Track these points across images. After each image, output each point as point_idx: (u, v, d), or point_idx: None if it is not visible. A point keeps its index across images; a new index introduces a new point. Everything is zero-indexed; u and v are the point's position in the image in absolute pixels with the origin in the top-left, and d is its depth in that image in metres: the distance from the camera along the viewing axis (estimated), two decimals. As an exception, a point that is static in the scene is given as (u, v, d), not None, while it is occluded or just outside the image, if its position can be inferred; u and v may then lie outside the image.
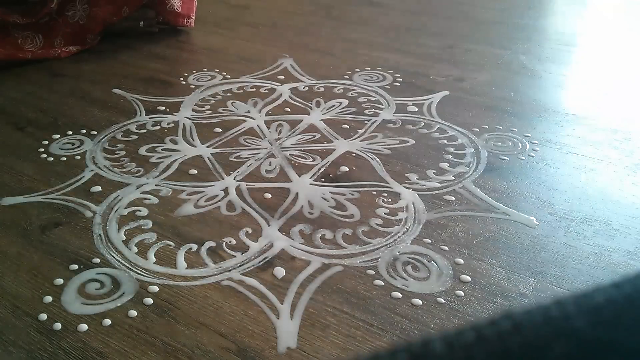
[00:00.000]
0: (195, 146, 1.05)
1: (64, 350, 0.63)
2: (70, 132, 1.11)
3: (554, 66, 1.42)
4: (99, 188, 0.92)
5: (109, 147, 1.05)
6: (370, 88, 1.29)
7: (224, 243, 0.79)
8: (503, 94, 1.26)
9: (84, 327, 0.65)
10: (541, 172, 0.96)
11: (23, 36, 1.43)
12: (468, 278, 0.72)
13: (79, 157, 1.02)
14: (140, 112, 1.19)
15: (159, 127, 1.13)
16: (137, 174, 0.96)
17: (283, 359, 0.62)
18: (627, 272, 0.75)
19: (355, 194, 0.90)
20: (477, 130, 1.09)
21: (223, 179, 0.95)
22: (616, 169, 0.96)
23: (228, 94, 1.28)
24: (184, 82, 1.34)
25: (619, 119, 1.14)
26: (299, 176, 0.95)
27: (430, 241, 0.79)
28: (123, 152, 1.03)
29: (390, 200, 0.88)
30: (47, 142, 1.07)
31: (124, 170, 0.98)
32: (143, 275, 0.74)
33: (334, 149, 1.03)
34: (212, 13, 1.88)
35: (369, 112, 1.18)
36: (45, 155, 1.02)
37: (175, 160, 1.01)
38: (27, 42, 1.44)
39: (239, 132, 1.11)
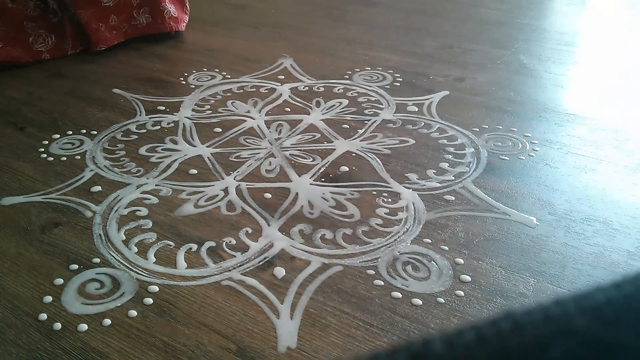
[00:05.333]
0: (195, 146, 1.05)
1: (64, 350, 0.63)
2: (70, 132, 1.11)
3: (554, 66, 1.42)
4: (99, 188, 0.92)
5: (109, 147, 1.05)
6: (370, 88, 1.29)
7: (224, 243, 0.79)
8: (503, 94, 1.26)
9: (84, 327, 0.66)
10: (541, 172, 0.96)
11: (36, 34, 1.43)
12: (468, 278, 0.72)
13: (79, 157, 1.02)
14: (140, 112, 1.19)
15: (159, 127, 1.13)
16: (137, 174, 0.96)
17: (283, 358, 0.62)
18: (627, 272, 0.75)
19: (355, 194, 0.90)
20: (477, 130, 1.09)
21: (223, 178, 0.95)
22: (616, 169, 0.96)
23: (228, 94, 1.28)
24: (184, 82, 1.34)
25: (619, 119, 1.14)
26: (299, 176, 0.95)
27: (430, 241, 0.79)
28: (123, 152, 1.03)
29: (390, 200, 0.88)
30: (47, 142, 1.07)
31: (124, 170, 0.98)
32: (143, 275, 0.74)
33: (334, 149, 1.03)
34: (212, 13, 1.88)
35: (369, 112, 1.18)
36: (45, 155, 1.02)
37: (175, 160, 1.01)
38: (39, 41, 1.44)
39: (239, 132, 1.11)
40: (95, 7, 1.48)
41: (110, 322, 0.66)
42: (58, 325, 0.66)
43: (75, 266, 0.75)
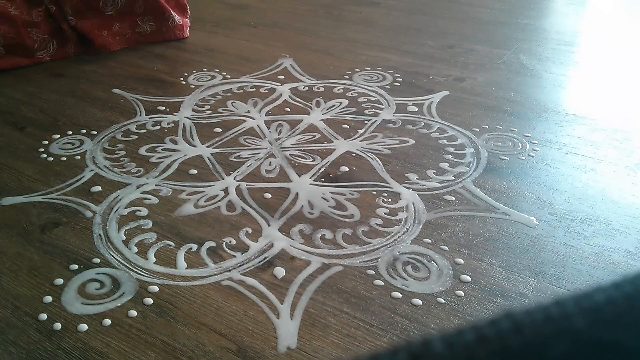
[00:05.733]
0: (195, 146, 1.05)
1: (64, 350, 0.63)
2: (70, 132, 1.11)
3: (554, 66, 1.42)
4: (99, 188, 0.92)
5: (109, 147, 1.05)
6: (370, 88, 1.29)
7: (224, 243, 0.79)
8: (503, 94, 1.26)
9: (84, 327, 0.65)
10: (541, 172, 0.96)
11: (40, 40, 1.43)
12: (468, 278, 0.72)
13: (79, 157, 1.02)
14: (140, 112, 1.19)
15: (159, 127, 1.13)
16: (137, 174, 0.96)
17: (283, 358, 0.62)
18: (627, 272, 0.75)
19: (355, 194, 0.90)
20: (477, 130, 1.09)
21: (223, 178, 0.95)
22: (616, 169, 0.96)
23: (228, 94, 1.28)
24: (184, 82, 1.34)
25: (619, 119, 1.14)
26: (299, 176, 0.95)
27: (430, 241, 0.79)
28: (123, 152, 1.03)
29: (390, 200, 0.88)
30: (47, 142, 1.07)
31: (124, 170, 0.98)
32: (143, 275, 0.73)
33: (334, 149, 1.03)
34: (212, 13, 1.88)
35: (369, 112, 1.18)
36: (45, 155, 1.02)
37: (175, 160, 1.01)
38: (42, 47, 1.44)
39: (239, 132, 1.11)
40: (98, 16, 1.50)
41: (110, 322, 0.66)
42: (58, 325, 0.66)
43: (75, 266, 0.75)
